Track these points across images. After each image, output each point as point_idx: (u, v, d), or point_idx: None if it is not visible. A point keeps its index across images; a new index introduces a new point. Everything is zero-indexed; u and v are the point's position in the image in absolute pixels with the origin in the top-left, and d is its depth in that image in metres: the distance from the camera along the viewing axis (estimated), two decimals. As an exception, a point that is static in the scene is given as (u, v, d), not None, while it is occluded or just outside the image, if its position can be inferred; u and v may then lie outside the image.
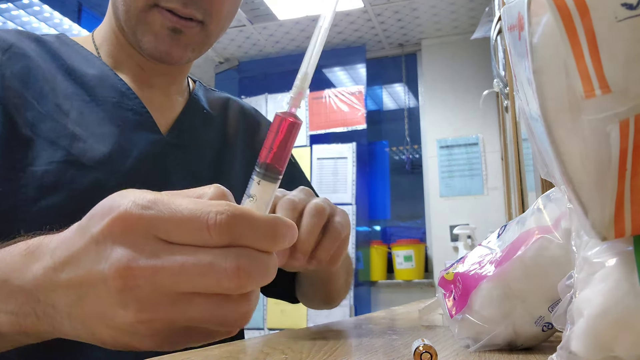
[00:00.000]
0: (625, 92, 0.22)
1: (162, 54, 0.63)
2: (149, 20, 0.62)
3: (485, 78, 2.98)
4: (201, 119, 0.74)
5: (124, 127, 0.64)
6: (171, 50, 0.63)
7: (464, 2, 3.10)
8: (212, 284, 0.29)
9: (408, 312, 0.85)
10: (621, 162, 0.23)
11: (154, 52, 0.64)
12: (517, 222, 0.43)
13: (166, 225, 0.29)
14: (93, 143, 0.61)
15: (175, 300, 0.29)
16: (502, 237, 0.44)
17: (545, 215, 0.40)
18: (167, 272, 0.29)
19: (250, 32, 3.47)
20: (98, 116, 0.63)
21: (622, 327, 0.25)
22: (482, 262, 0.43)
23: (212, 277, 0.28)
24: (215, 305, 0.30)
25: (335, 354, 0.41)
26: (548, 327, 0.40)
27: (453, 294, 0.44)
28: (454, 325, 0.43)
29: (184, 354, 0.42)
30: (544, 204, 0.41)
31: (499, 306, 0.40)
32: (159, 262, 0.29)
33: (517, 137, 1.81)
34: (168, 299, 0.29)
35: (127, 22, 0.64)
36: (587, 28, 0.22)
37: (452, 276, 0.45)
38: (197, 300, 0.29)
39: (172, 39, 0.63)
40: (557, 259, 0.37)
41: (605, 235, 0.25)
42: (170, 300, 0.29)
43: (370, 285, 3.42)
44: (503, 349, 0.41)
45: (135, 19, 0.62)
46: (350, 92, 3.46)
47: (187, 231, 0.29)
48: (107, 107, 0.64)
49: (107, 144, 0.62)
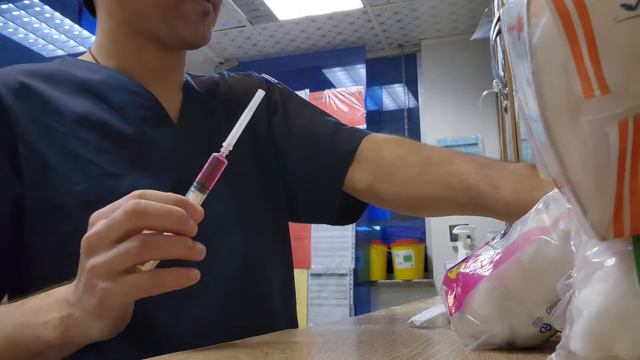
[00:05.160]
0: (624, 93, 0.22)
1: (199, 37, 0.68)
2: (186, 9, 0.66)
3: (484, 78, 2.98)
4: (200, 104, 0.75)
5: (143, 126, 0.66)
6: (205, 33, 0.69)
7: (463, 3, 3.10)
8: (118, 229, 0.43)
9: (408, 312, 0.85)
10: (620, 163, 0.23)
11: (193, 38, 0.68)
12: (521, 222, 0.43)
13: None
14: (119, 151, 0.63)
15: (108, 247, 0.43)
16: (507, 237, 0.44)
17: (545, 216, 0.40)
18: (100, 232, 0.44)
19: (250, 32, 3.47)
20: (116, 121, 0.65)
21: (621, 326, 0.25)
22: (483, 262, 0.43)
23: (117, 225, 0.43)
24: (126, 243, 0.43)
25: (335, 354, 0.41)
26: (546, 328, 0.40)
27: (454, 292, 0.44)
28: (453, 323, 0.43)
29: (184, 354, 0.42)
30: (545, 204, 0.41)
31: (497, 306, 0.40)
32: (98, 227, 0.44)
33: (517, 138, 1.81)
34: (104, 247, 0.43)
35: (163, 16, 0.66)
36: (586, 29, 0.22)
37: (455, 275, 0.45)
38: (118, 245, 0.43)
39: (203, 22, 0.68)
40: (555, 261, 0.37)
41: (604, 235, 0.25)
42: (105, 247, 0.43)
43: (370, 285, 3.42)
44: (502, 348, 0.41)
45: (173, 11, 0.66)
46: (350, 92, 3.46)
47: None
48: (123, 109, 0.66)
49: (130, 149, 0.64)
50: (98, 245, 0.43)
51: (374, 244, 3.45)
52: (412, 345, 0.45)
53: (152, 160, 0.64)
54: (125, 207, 0.42)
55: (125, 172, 0.62)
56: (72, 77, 0.67)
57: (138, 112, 0.67)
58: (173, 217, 0.43)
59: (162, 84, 0.72)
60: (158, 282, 0.43)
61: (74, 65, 0.70)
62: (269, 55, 3.79)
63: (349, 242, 3.18)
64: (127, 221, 0.42)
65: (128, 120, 0.66)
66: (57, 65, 0.70)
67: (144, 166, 0.63)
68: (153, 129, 0.67)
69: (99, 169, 0.61)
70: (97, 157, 0.61)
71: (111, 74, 0.69)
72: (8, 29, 3.09)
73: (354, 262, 3.15)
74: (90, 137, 0.62)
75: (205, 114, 0.75)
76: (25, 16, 3.04)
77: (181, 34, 0.68)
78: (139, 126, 0.66)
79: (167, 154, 0.66)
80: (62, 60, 0.72)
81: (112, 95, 0.67)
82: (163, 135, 0.67)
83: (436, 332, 0.55)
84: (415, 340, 0.48)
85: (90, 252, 0.44)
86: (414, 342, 0.47)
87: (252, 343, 0.49)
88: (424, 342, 0.47)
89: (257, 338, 0.54)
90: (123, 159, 0.62)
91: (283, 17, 3.25)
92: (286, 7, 3.13)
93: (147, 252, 0.43)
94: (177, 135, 0.69)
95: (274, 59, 3.80)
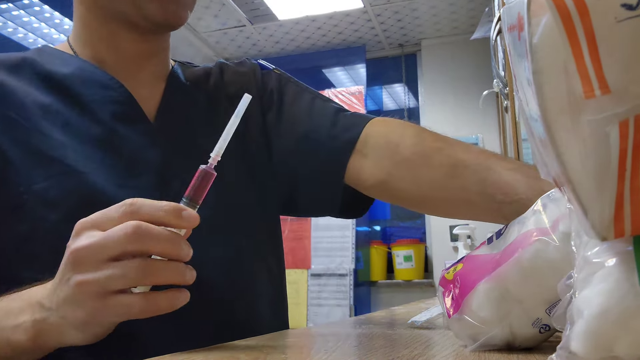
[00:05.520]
0: (625, 93, 0.22)
1: (171, 16, 0.64)
2: None
3: (485, 78, 2.98)
4: (184, 96, 0.71)
5: (113, 122, 0.63)
6: (177, 11, 0.64)
7: (463, 3, 3.10)
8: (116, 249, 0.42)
9: (408, 312, 0.85)
10: (621, 163, 0.23)
11: (162, 16, 0.63)
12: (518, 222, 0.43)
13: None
14: (85, 148, 0.60)
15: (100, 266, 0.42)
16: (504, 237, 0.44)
17: (544, 216, 0.40)
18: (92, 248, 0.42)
19: (250, 32, 3.47)
20: (85, 117, 0.62)
21: (622, 327, 0.25)
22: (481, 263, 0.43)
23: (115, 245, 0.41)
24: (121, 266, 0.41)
25: (335, 354, 0.41)
26: (545, 328, 0.40)
27: (452, 293, 0.44)
28: (452, 324, 0.43)
29: (183, 354, 0.42)
30: (543, 204, 0.41)
31: (496, 308, 0.40)
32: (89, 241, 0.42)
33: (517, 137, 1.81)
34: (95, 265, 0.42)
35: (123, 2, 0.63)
36: (586, 28, 0.22)
37: (452, 275, 0.45)
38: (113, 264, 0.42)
39: (175, 2, 0.63)
40: (555, 262, 0.37)
41: (604, 235, 0.25)
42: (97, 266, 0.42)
43: (370, 285, 3.42)
44: (502, 349, 0.41)
45: None
46: (350, 92, 3.46)
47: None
48: (93, 105, 0.63)
49: (99, 146, 0.61)
50: (88, 261, 0.42)
51: (374, 244, 3.45)
52: (412, 345, 0.45)
53: (122, 158, 0.61)
54: (126, 230, 0.41)
55: (90, 170, 0.58)
56: (41, 69, 0.64)
57: (108, 108, 0.63)
58: (172, 244, 0.42)
59: (139, 75, 0.68)
60: (152, 305, 0.42)
61: (49, 55, 0.67)
62: (269, 55, 3.79)
63: (349, 242, 3.18)
64: (125, 243, 0.41)
65: (97, 116, 0.62)
66: (31, 54, 0.66)
67: (113, 165, 0.60)
68: (124, 126, 0.63)
69: (61, 167, 0.57)
70: (60, 154, 0.58)
71: (83, 66, 0.65)
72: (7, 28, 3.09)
73: (354, 262, 3.15)
74: (54, 133, 0.59)
75: (187, 108, 0.70)
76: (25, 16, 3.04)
77: (151, 14, 0.63)
78: (108, 123, 0.62)
79: (138, 151, 0.62)
80: (38, 50, 0.68)
81: (81, 89, 0.63)
82: (135, 132, 0.64)
83: (436, 332, 0.55)
84: (415, 341, 0.48)
85: (77, 266, 0.42)
86: (414, 343, 0.47)
87: (252, 343, 0.49)
88: (424, 343, 0.47)
89: (257, 338, 0.54)
90: (88, 157, 0.59)
91: (283, 16, 3.25)
92: (286, 7, 3.13)
93: (144, 278, 0.42)
94: (151, 131, 0.65)
95: (274, 59, 3.80)
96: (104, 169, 0.59)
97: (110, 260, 0.42)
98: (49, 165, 0.57)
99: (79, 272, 0.42)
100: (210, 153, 0.46)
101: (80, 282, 0.42)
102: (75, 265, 0.42)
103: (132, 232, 0.41)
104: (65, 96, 0.63)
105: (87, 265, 0.42)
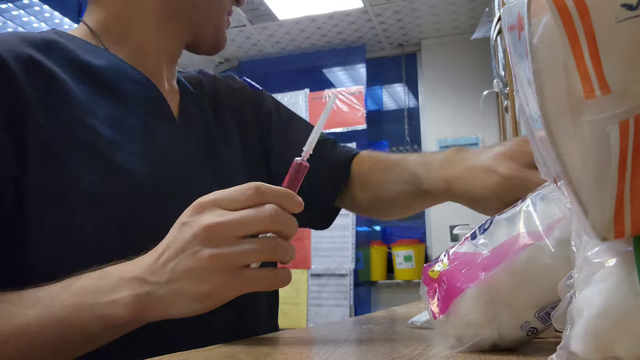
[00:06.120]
0: (625, 93, 0.22)
1: (224, 42, 0.75)
2: (226, 19, 0.73)
3: (485, 78, 2.98)
4: (194, 101, 0.75)
5: (148, 118, 0.64)
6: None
7: (464, 2, 3.10)
8: (257, 228, 0.46)
9: (408, 312, 0.85)
10: (621, 163, 0.23)
11: (223, 44, 0.74)
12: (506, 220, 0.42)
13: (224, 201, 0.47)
14: (127, 144, 0.60)
15: (234, 242, 0.45)
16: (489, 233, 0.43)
17: (535, 218, 0.40)
18: (229, 225, 0.45)
19: (250, 32, 3.47)
20: (124, 111, 0.62)
21: (622, 327, 0.25)
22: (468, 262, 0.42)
23: (257, 224, 0.45)
24: (260, 243, 0.46)
25: (335, 354, 0.41)
26: (533, 331, 0.40)
27: (437, 294, 0.44)
28: (437, 326, 0.43)
29: (183, 354, 0.42)
30: (533, 203, 0.41)
31: (485, 311, 0.40)
32: (225, 219, 0.45)
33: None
34: (230, 240, 0.45)
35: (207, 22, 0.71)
36: (587, 28, 0.22)
37: (437, 275, 0.45)
38: (248, 240, 0.45)
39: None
40: (548, 268, 0.37)
41: (605, 235, 0.25)
42: (231, 242, 0.45)
43: (370, 285, 3.41)
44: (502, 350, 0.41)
45: (218, 19, 0.72)
46: (350, 92, 3.46)
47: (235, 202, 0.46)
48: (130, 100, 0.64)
49: (137, 141, 0.61)
50: (224, 237, 0.45)
51: (374, 244, 3.44)
52: (413, 345, 0.45)
53: (153, 155, 0.62)
54: (269, 212, 0.46)
55: (129, 166, 0.59)
56: (73, 56, 0.62)
57: (143, 104, 0.65)
58: (295, 228, 0.47)
59: (161, 76, 0.70)
60: (279, 280, 0.47)
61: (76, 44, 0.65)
62: (269, 54, 3.79)
63: (349, 242, 3.18)
64: (264, 224, 0.45)
65: (135, 111, 0.63)
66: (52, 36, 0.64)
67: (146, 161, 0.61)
68: (157, 122, 0.65)
69: (105, 162, 0.57)
70: (105, 149, 0.58)
71: (115, 61, 0.65)
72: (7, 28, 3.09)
73: (354, 262, 3.15)
74: (97, 127, 0.58)
75: (198, 112, 0.74)
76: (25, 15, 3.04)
77: (221, 41, 0.73)
78: (145, 118, 0.64)
79: (167, 149, 0.64)
80: (57, 33, 0.65)
81: (118, 84, 0.64)
82: (165, 129, 0.66)
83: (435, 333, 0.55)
84: (415, 341, 0.48)
85: (209, 240, 0.45)
86: (414, 343, 0.47)
87: (252, 343, 0.49)
88: (425, 343, 0.47)
89: (257, 338, 0.54)
90: (129, 152, 0.59)
91: (283, 16, 3.25)
92: (286, 7, 3.13)
93: (274, 256, 0.46)
94: (177, 130, 0.67)
95: (274, 59, 3.80)
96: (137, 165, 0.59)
97: (242, 238, 0.45)
98: (94, 159, 0.56)
99: (212, 246, 0.45)
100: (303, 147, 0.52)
101: (213, 255, 0.44)
102: (207, 240, 0.45)
103: (274, 214, 0.45)
104: (103, 89, 0.62)
105: (221, 240, 0.45)
